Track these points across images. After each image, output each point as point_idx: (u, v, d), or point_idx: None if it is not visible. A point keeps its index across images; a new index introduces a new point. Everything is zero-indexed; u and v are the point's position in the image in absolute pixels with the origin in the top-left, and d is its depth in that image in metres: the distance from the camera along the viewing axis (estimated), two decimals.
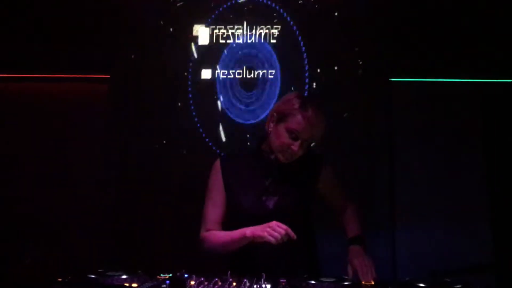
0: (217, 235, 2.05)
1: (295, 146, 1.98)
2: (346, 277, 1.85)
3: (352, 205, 2.26)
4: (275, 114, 2.06)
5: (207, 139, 3.31)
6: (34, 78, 3.45)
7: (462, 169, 3.25)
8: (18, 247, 3.04)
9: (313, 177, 2.14)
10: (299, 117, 1.98)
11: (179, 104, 3.34)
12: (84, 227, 3.24)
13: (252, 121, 3.31)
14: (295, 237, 1.85)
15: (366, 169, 3.23)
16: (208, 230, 2.08)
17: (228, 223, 2.06)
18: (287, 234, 1.85)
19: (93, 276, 1.66)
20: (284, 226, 1.86)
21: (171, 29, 3.37)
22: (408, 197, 3.26)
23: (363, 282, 1.84)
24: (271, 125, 2.06)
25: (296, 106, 2.01)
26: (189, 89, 3.36)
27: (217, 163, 2.14)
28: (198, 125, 3.34)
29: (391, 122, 3.30)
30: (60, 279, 1.60)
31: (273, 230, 1.85)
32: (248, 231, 1.92)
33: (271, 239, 1.84)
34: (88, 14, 3.35)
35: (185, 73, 3.36)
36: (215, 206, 2.09)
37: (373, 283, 1.82)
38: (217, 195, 2.10)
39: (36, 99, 3.45)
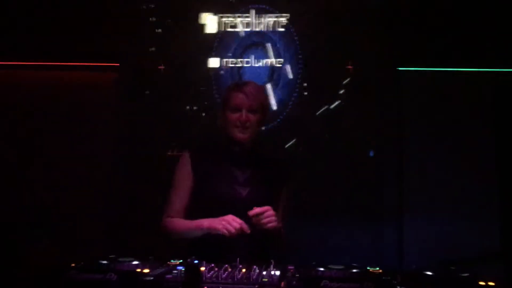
0: (177, 223, 2.14)
1: (242, 116, 2.10)
2: (354, 264, 1.86)
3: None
4: (221, 106, 2.22)
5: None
6: (42, 66, 3.46)
7: (471, 159, 3.25)
8: (32, 234, 3.08)
9: (281, 181, 2.23)
10: (234, 94, 2.14)
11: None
12: (95, 214, 3.28)
13: None
14: (248, 231, 1.94)
15: (375, 159, 3.23)
16: (170, 217, 2.17)
17: (200, 212, 2.10)
18: (241, 228, 1.93)
19: (105, 261, 1.69)
20: (239, 221, 1.94)
21: (179, 18, 3.37)
22: (416, 186, 3.26)
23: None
24: (221, 116, 2.20)
25: (229, 88, 2.21)
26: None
27: (186, 155, 2.21)
28: (203, 113, 3.35)
29: (400, 112, 3.29)
30: (73, 265, 1.62)
31: (228, 224, 1.94)
32: (206, 222, 2.01)
33: (225, 232, 1.93)
34: (98, 2, 3.35)
35: (194, 61, 3.37)
36: (179, 195, 2.17)
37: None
38: (183, 185, 2.17)
39: (45, 87, 3.46)
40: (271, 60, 3.35)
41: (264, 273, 1.67)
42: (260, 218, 1.98)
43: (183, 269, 1.43)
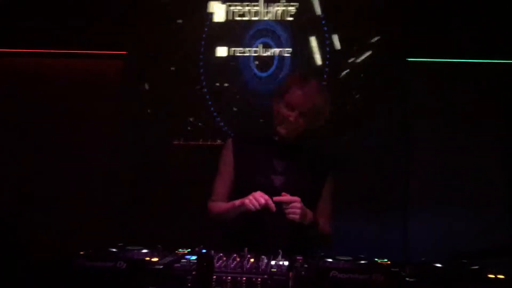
0: (216, 206, 2.20)
1: (292, 116, 2.09)
2: (362, 256, 1.86)
3: (328, 222, 2.23)
4: (277, 91, 2.19)
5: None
6: (49, 54, 3.45)
7: (479, 151, 3.22)
8: (40, 222, 3.10)
9: (321, 175, 2.22)
10: (294, 90, 2.10)
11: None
12: (104, 202, 3.28)
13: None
14: (274, 209, 1.95)
15: (382, 150, 3.22)
16: (213, 201, 2.23)
17: (239, 198, 2.11)
18: (266, 204, 1.95)
19: (114, 249, 1.69)
20: (266, 197, 1.96)
21: (187, 6, 3.34)
22: (424, 178, 3.25)
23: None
24: (274, 101, 2.18)
25: (292, 82, 2.14)
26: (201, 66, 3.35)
27: (230, 141, 2.26)
28: (211, 102, 3.34)
29: (408, 103, 3.27)
30: (82, 252, 1.63)
31: (254, 199, 1.97)
32: (238, 201, 2.04)
33: (251, 206, 1.96)
34: None
35: (201, 50, 3.35)
36: (223, 180, 2.23)
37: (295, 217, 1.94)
38: (225, 171, 2.22)
39: (51, 75, 3.45)
40: (279, 50, 3.33)
41: (273, 263, 1.67)
42: (284, 208, 1.99)
43: (196, 259, 1.42)
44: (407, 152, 3.26)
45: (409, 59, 3.31)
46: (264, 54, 3.34)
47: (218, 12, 3.37)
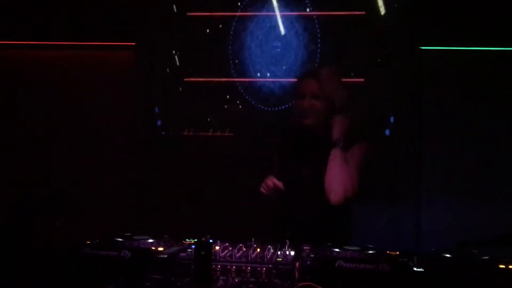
0: None
1: (305, 102, 2.16)
2: (370, 246, 1.83)
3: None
4: (295, 94, 2.26)
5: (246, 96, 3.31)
6: (59, 46, 3.47)
7: (491, 141, 3.17)
8: (48, 211, 3.13)
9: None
10: (301, 80, 2.23)
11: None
12: (111, 193, 3.31)
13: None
14: (282, 188, 2.09)
15: (394, 140, 3.19)
16: None
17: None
18: (274, 185, 2.09)
19: (120, 239, 1.69)
20: (275, 181, 2.10)
21: None
22: (435, 168, 3.21)
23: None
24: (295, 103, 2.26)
25: (303, 75, 2.28)
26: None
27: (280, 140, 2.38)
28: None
29: (422, 92, 3.23)
30: (89, 242, 1.63)
31: (264, 184, 2.13)
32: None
33: (263, 191, 2.13)
34: None
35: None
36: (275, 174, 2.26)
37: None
38: (275, 166, 2.32)
39: (62, 66, 3.48)
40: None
41: (279, 253, 1.65)
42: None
43: (194, 247, 1.42)
44: (419, 142, 3.22)
45: (422, 47, 3.25)
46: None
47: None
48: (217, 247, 1.64)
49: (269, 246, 1.70)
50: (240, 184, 3.05)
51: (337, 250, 1.68)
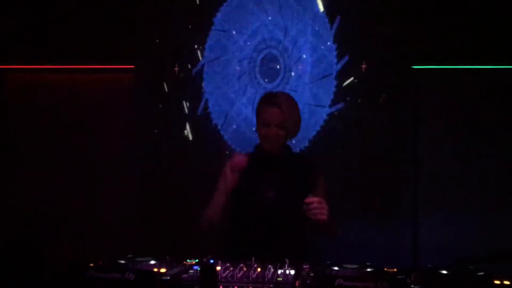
0: (208, 205, 2.25)
1: (270, 131, 2.23)
2: (368, 263, 1.87)
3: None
4: (257, 119, 2.33)
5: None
6: (58, 70, 3.52)
7: (487, 157, 3.21)
8: (51, 234, 3.16)
9: (309, 179, 2.29)
10: (265, 108, 2.26)
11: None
12: (112, 214, 3.33)
13: None
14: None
15: (390, 157, 3.23)
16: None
17: (231, 210, 2.25)
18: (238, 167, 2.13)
19: (123, 261, 1.72)
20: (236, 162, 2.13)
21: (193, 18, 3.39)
22: (431, 185, 3.24)
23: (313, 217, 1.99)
24: (257, 129, 2.32)
25: (262, 101, 2.30)
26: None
27: (229, 159, 2.31)
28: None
29: (416, 110, 3.28)
30: (92, 264, 1.66)
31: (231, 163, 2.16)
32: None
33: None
34: (112, 5, 3.40)
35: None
36: (219, 192, 2.25)
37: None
38: (223, 185, 2.25)
39: (59, 90, 3.52)
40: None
41: (279, 272, 1.69)
42: (311, 208, 2.02)
43: (199, 269, 1.45)
44: (414, 158, 3.26)
45: (414, 67, 3.32)
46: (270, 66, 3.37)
47: None
48: (218, 268, 1.67)
49: (270, 266, 1.73)
50: None
51: (336, 268, 1.71)
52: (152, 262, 1.73)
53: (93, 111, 3.47)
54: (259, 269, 1.69)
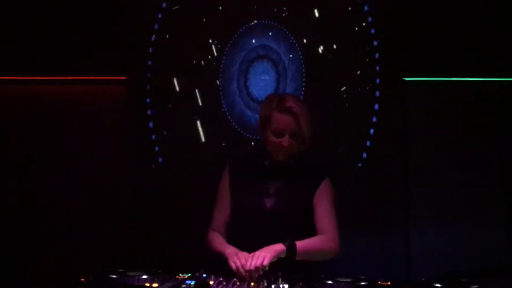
0: (213, 243, 2.16)
1: (284, 141, 2.08)
2: (361, 277, 1.86)
3: (331, 236, 2.16)
4: (259, 121, 2.18)
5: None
6: (49, 81, 3.49)
7: (479, 169, 3.22)
8: (41, 249, 3.12)
9: (313, 186, 2.20)
10: (278, 116, 2.08)
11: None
12: (103, 228, 3.29)
13: None
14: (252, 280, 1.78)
15: (381, 168, 3.23)
16: (213, 229, 2.23)
17: (233, 223, 2.20)
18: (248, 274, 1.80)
19: (114, 276, 1.70)
20: (247, 268, 1.81)
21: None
22: (423, 197, 3.25)
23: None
24: (260, 132, 2.19)
25: (273, 106, 2.11)
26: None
27: (227, 168, 2.28)
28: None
29: (406, 122, 3.29)
30: (82, 279, 1.64)
31: (237, 259, 1.88)
32: (228, 250, 2.02)
33: (232, 265, 1.89)
34: (104, 16, 3.39)
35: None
36: (220, 208, 2.24)
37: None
38: (223, 198, 2.24)
39: (52, 102, 3.48)
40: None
41: (273, 286, 1.67)
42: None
43: (193, 285, 1.44)
44: (406, 170, 3.27)
45: (406, 79, 3.33)
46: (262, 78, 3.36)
47: None
48: (211, 282, 1.66)
49: (264, 280, 1.72)
50: None
51: (330, 282, 1.70)
52: (144, 276, 1.70)
53: (86, 122, 3.44)
54: (252, 284, 1.68)
